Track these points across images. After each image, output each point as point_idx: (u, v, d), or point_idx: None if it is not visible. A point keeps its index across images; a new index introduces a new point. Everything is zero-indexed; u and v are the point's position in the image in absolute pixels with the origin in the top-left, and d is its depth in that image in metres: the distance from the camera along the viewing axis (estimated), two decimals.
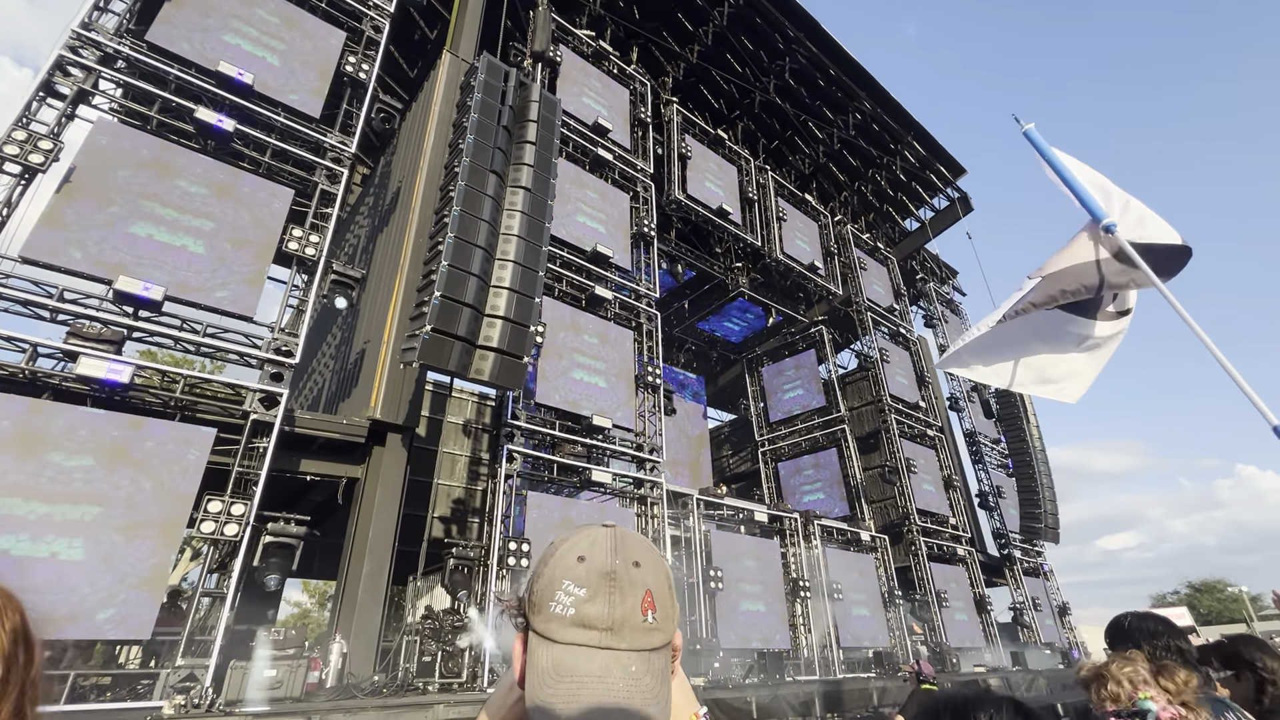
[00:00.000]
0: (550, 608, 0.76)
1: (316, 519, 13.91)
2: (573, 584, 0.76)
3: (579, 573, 0.77)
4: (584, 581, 0.77)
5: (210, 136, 9.52)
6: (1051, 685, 16.21)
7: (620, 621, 0.75)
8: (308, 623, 36.95)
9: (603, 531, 0.84)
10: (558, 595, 0.76)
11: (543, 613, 0.76)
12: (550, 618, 0.75)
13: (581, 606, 0.75)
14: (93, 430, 7.39)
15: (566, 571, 0.78)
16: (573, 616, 0.75)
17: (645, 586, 0.78)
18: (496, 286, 9.41)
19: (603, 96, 16.17)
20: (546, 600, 0.77)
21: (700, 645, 12.30)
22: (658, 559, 0.83)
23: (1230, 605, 55.86)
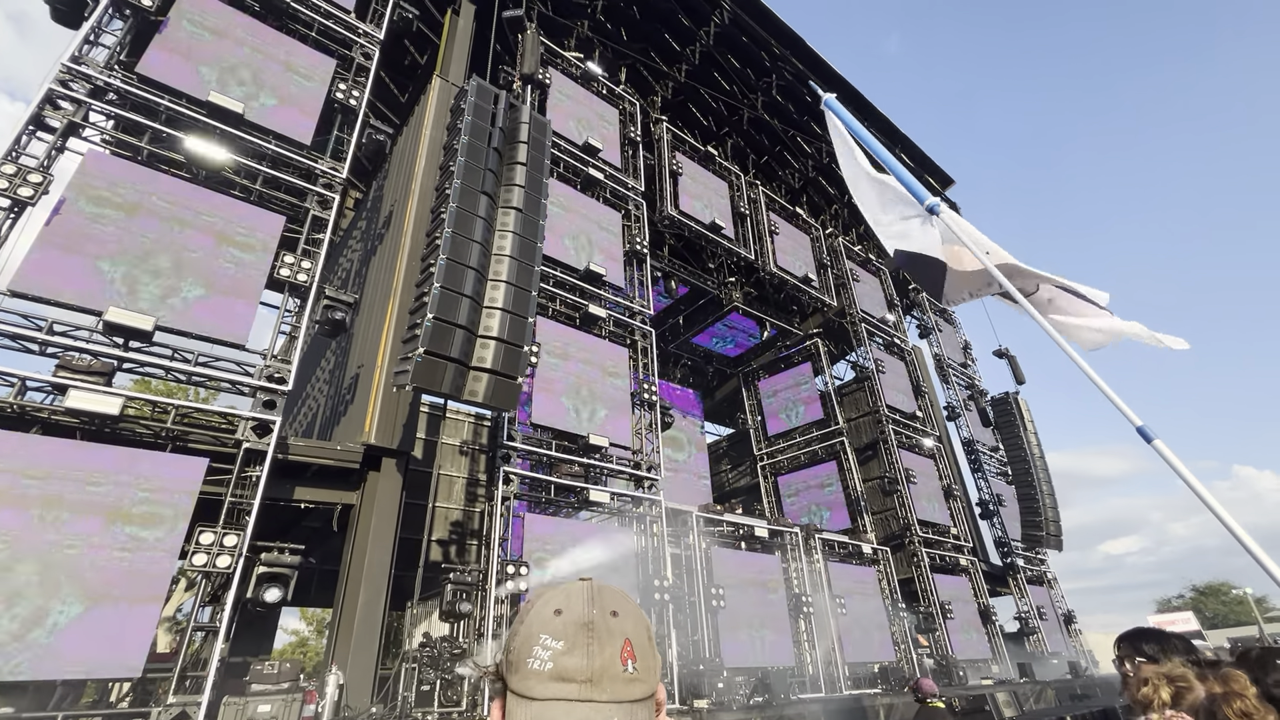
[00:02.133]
0: (528, 664, 0.73)
1: (312, 546, 13.74)
2: (549, 637, 0.74)
3: (555, 625, 0.75)
4: (561, 634, 0.74)
5: (201, 165, 9.54)
6: (1060, 696, 16.00)
7: (600, 672, 0.72)
8: (306, 651, 36.39)
9: (579, 585, 0.82)
10: (534, 650, 0.73)
11: (520, 670, 0.73)
12: (528, 674, 0.73)
13: (559, 659, 0.72)
14: (82, 461, 7.30)
15: (543, 625, 0.76)
16: (550, 670, 0.72)
17: (624, 635, 0.76)
18: (489, 307, 9.39)
19: (592, 116, 16.32)
20: (524, 657, 0.74)
21: (703, 665, 12.13)
22: (636, 609, 0.82)
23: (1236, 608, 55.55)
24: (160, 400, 8.56)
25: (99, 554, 7.01)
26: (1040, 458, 24.55)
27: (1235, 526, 2.33)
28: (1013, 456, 24.51)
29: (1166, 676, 1.76)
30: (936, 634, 17.88)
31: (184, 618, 10.36)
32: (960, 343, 29.26)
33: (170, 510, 7.54)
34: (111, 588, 6.94)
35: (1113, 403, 2.83)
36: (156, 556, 7.31)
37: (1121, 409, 2.79)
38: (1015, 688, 14.05)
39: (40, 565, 6.74)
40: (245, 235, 9.52)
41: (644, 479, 13.23)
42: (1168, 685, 1.74)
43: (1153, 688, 1.75)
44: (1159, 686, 1.75)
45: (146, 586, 7.17)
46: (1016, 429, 24.66)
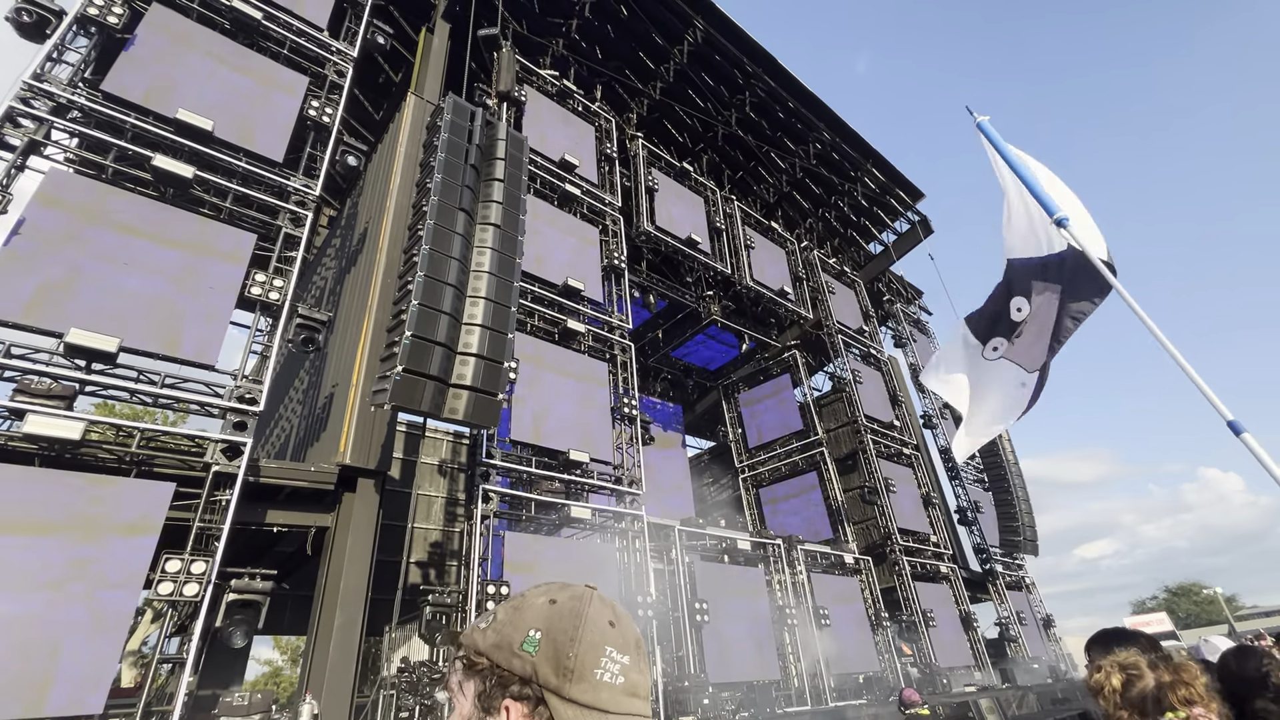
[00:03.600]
0: (597, 675, 0.70)
1: (285, 572, 13.38)
2: (615, 650, 0.72)
3: (617, 638, 0.73)
4: (624, 648, 0.73)
5: (168, 183, 9.35)
6: (1042, 701, 16.14)
7: (649, 689, 0.77)
8: (280, 681, 35.18)
9: (607, 598, 0.80)
10: (603, 662, 0.71)
11: (587, 680, 0.69)
12: (600, 685, 0.69)
13: (629, 674, 0.71)
14: (40, 491, 7.02)
15: (605, 636, 0.73)
16: (623, 685, 0.70)
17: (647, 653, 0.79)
18: (469, 324, 9.31)
19: (569, 133, 16.42)
20: (591, 667, 0.70)
21: (689, 681, 12.00)
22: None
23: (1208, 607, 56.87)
24: (124, 424, 8.30)
25: (57, 585, 6.72)
26: (1015, 464, 24.98)
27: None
28: (989, 463, 24.89)
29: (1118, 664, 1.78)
30: (920, 642, 17.96)
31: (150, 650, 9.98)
32: (934, 352, 29.77)
33: (134, 538, 7.27)
34: (70, 620, 6.64)
35: (1206, 396, 2.93)
36: (119, 586, 7.03)
37: (1214, 402, 2.88)
38: (998, 694, 14.14)
39: None
40: (215, 253, 9.34)
41: (625, 494, 13.15)
42: (1119, 672, 1.76)
43: (1104, 674, 1.77)
44: (1110, 673, 1.77)
45: (108, 618, 6.89)
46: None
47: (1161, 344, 3.26)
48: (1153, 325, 3.36)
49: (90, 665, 6.64)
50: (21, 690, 6.25)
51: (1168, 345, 3.23)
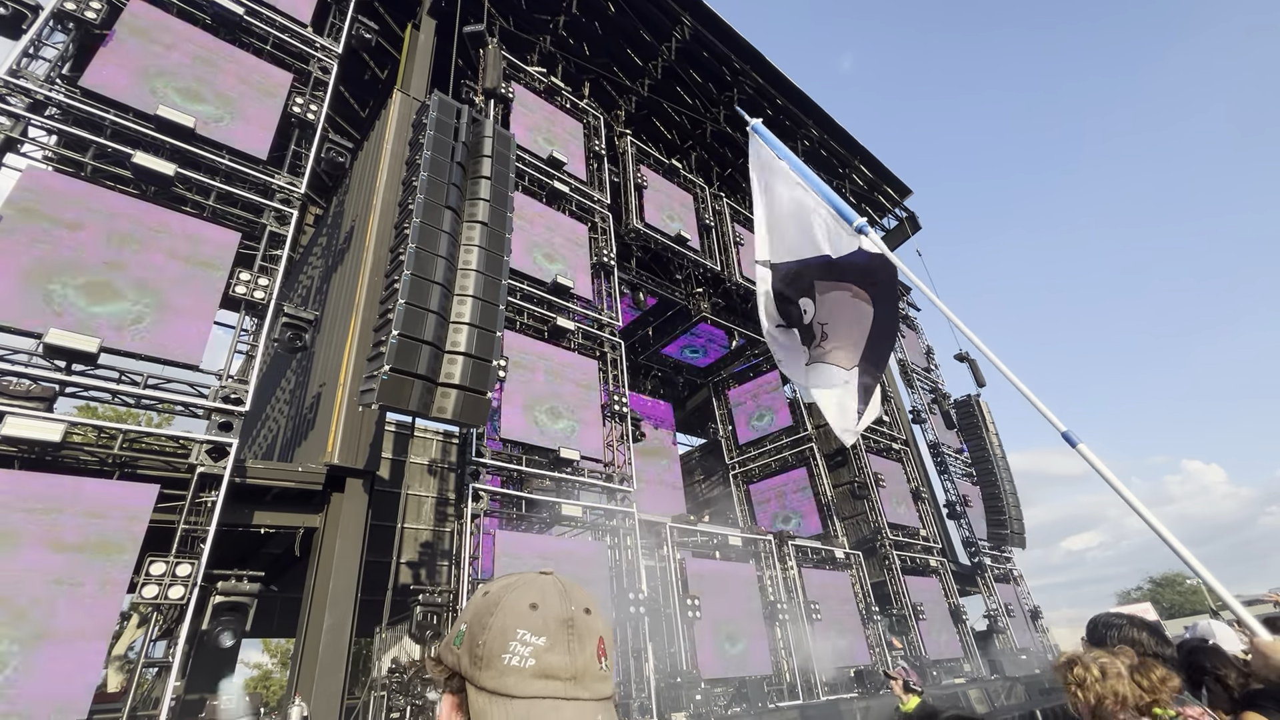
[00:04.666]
0: (505, 660, 0.69)
1: (273, 574, 13.26)
2: (528, 633, 0.71)
3: (534, 620, 0.72)
4: (541, 629, 0.71)
5: (150, 181, 9.21)
6: (1030, 691, 16.33)
7: (582, 671, 0.70)
8: (270, 684, 34.88)
9: (547, 578, 0.79)
10: (512, 646, 0.70)
11: (494, 666, 0.70)
12: (505, 670, 0.69)
13: (542, 656, 0.70)
14: (17, 494, 6.90)
15: (519, 620, 0.72)
16: (533, 668, 0.69)
17: (597, 634, 0.75)
18: (456, 322, 9.25)
19: (557, 131, 16.35)
20: (498, 653, 0.70)
21: (681, 678, 12.02)
22: (599, 607, 0.81)
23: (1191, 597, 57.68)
24: (106, 425, 8.18)
25: (38, 589, 6.62)
26: (1002, 458, 25.23)
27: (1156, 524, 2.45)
28: (976, 457, 25.13)
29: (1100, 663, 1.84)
30: (910, 635, 18.10)
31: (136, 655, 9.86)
32: (923, 348, 29.99)
33: (117, 540, 7.17)
34: (53, 624, 6.54)
35: (1038, 409, 2.92)
36: (103, 590, 6.93)
37: (1047, 416, 2.87)
38: (987, 685, 14.29)
39: None
40: (198, 252, 9.21)
41: (617, 491, 13.14)
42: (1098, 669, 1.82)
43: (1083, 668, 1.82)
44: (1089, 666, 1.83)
45: (92, 622, 6.79)
46: (979, 430, 25.31)
47: (993, 362, 3.24)
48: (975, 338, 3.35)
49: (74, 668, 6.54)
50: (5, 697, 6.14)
51: (998, 363, 3.21)
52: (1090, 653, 1.85)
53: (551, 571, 0.82)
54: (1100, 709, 1.73)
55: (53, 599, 6.64)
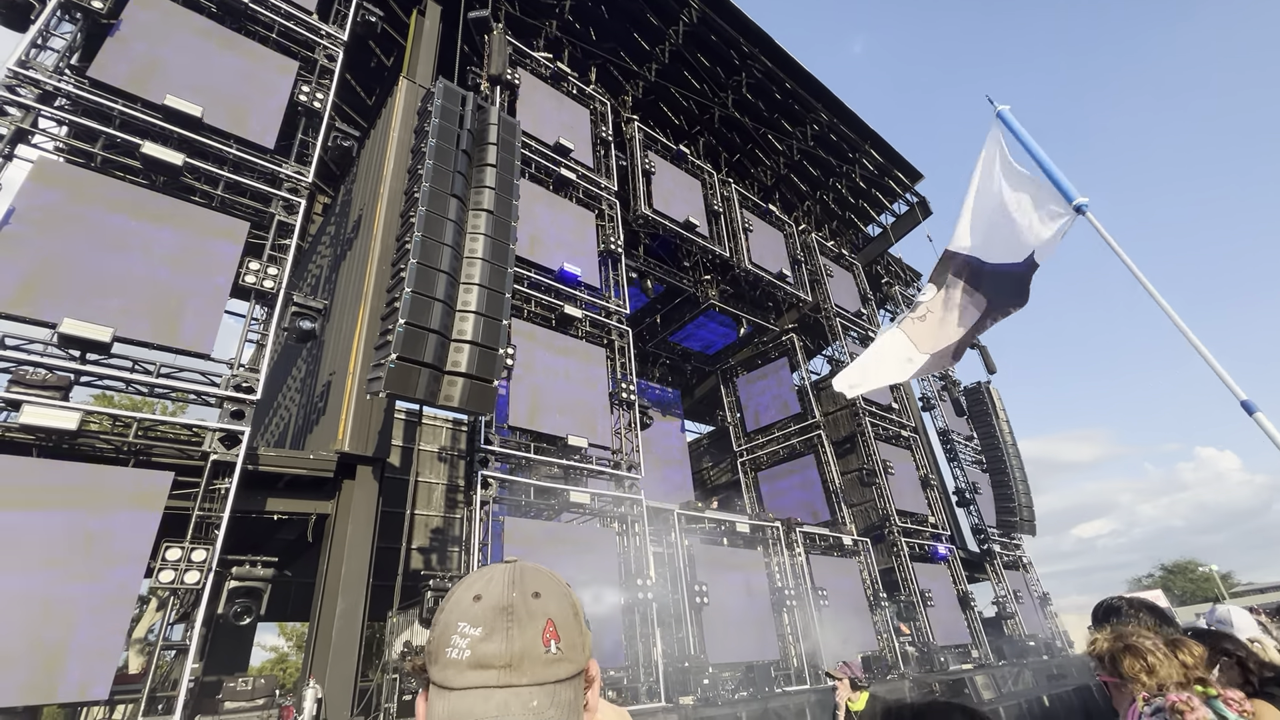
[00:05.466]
0: (446, 654, 0.71)
1: (286, 559, 13.48)
2: (467, 624, 0.72)
3: (474, 612, 0.73)
4: (479, 620, 0.72)
5: (159, 171, 9.27)
6: (1037, 676, 16.35)
7: (519, 656, 0.70)
8: (286, 667, 35.60)
9: (501, 568, 0.80)
10: (452, 639, 0.71)
11: (439, 661, 0.71)
12: (446, 664, 0.71)
13: (477, 646, 0.70)
14: (38, 481, 7.04)
15: (461, 613, 0.73)
16: (468, 659, 0.70)
17: (546, 616, 0.75)
18: (462, 311, 9.29)
19: (563, 117, 16.24)
20: (442, 647, 0.72)
21: (689, 662, 12.14)
22: (561, 588, 0.80)
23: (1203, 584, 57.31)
24: (121, 414, 8.30)
25: (58, 573, 6.77)
26: (1013, 445, 25.08)
27: None
28: (986, 445, 25.00)
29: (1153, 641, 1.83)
30: (917, 621, 18.15)
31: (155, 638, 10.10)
32: None
33: (134, 526, 7.31)
34: (73, 609, 6.70)
35: (1219, 376, 2.93)
36: (120, 574, 7.09)
37: (1227, 382, 2.88)
38: (994, 670, 14.33)
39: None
40: (207, 243, 9.28)
41: (624, 478, 13.20)
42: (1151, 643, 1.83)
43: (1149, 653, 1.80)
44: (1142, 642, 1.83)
45: (110, 605, 6.95)
46: (989, 418, 25.16)
47: (1178, 326, 3.26)
48: (1168, 307, 3.36)
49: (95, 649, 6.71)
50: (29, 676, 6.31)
51: (1183, 326, 3.22)
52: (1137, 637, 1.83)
53: (516, 559, 0.82)
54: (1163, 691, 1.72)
55: (72, 583, 6.79)
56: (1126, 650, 1.81)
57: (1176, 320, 3.37)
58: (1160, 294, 3.40)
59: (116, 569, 7.10)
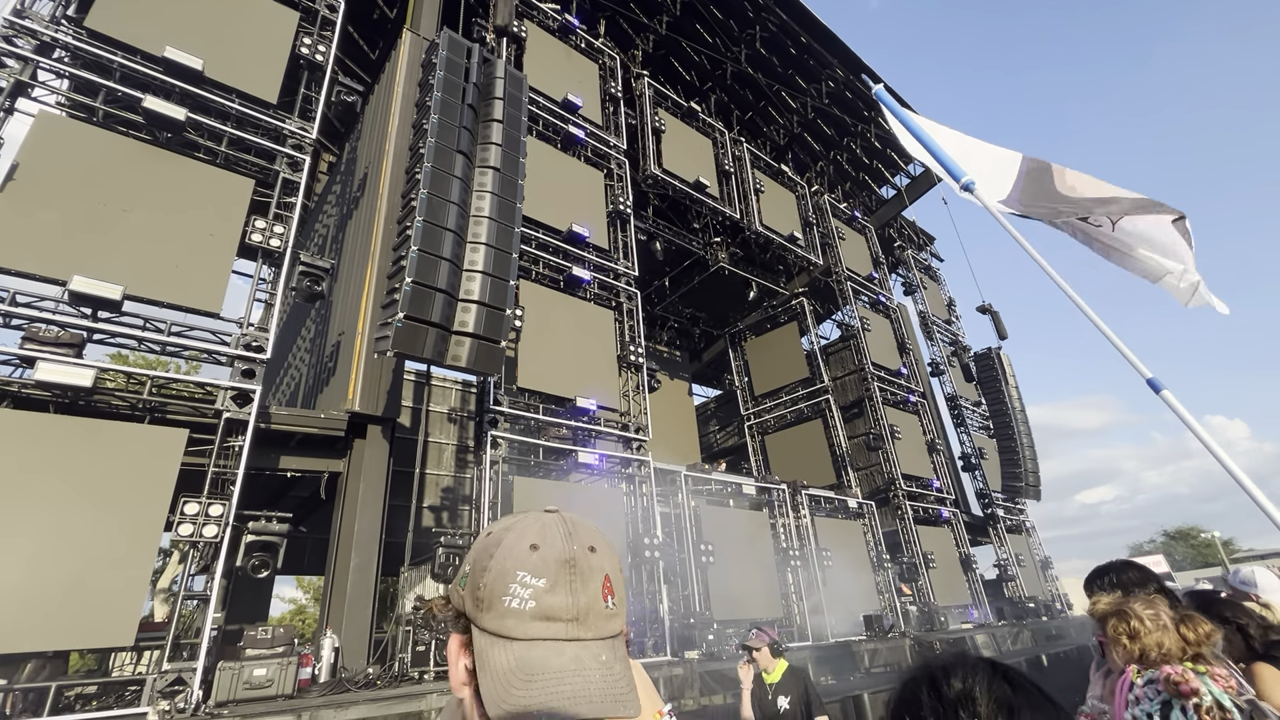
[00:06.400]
0: (505, 602, 0.69)
1: (301, 515, 13.77)
2: (528, 574, 0.70)
3: (534, 562, 0.71)
4: (541, 571, 0.70)
5: (161, 126, 9.12)
6: (1036, 637, 16.67)
7: (585, 610, 0.69)
8: (305, 618, 36.89)
9: (551, 517, 0.78)
10: (512, 588, 0.69)
11: (494, 609, 0.69)
12: (506, 613, 0.68)
13: (543, 598, 0.69)
14: (57, 436, 7.17)
15: (519, 562, 0.71)
16: (533, 610, 0.68)
17: (604, 571, 0.73)
18: (469, 270, 9.21)
19: (571, 72, 15.80)
20: (499, 595, 0.69)
21: (694, 619, 12.43)
22: (608, 543, 0.78)
23: (1204, 550, 57.83)
24: (134, 371, 8.38)
25: (79, 525, 6.95)
26: (1021, 411, 25.01)
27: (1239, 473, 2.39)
28: (994, 410, 24.94)
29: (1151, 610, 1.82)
30: (919, 582, 18.45)
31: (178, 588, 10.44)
32: (945, 299, 29.41)
33: (151, 481, 7.46)
34: (96, 560, 6.90)
35: (1123, 354, 2.85)
36: (140, 526, 7.27)
37: (1132, 361, 2.80)
38: (994, 630, 14.61)
39: (21, 538, 6.67)
40: (212, 200, 9.20)
41: (632, 440, 13.30)
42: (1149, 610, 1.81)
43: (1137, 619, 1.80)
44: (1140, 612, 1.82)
45: (132, 557, 7.15)
46: (998, 384, 25.03)
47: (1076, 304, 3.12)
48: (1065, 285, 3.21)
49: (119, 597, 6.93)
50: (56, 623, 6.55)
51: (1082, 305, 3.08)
52: (1136, 603, 1.84)
53: (556, 509, 0.80)
54: (1145, 660, 1.73)
55: (95, 535, 6.98)
56: (1116, 614, 1.84)
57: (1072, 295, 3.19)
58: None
59: (136, 522, 7.27)
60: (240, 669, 7.24)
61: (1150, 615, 1.79)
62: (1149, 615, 1.79)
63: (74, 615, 6.61)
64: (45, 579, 6.62)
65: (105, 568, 6.91)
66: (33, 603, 6.46)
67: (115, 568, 6.98)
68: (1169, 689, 1.13)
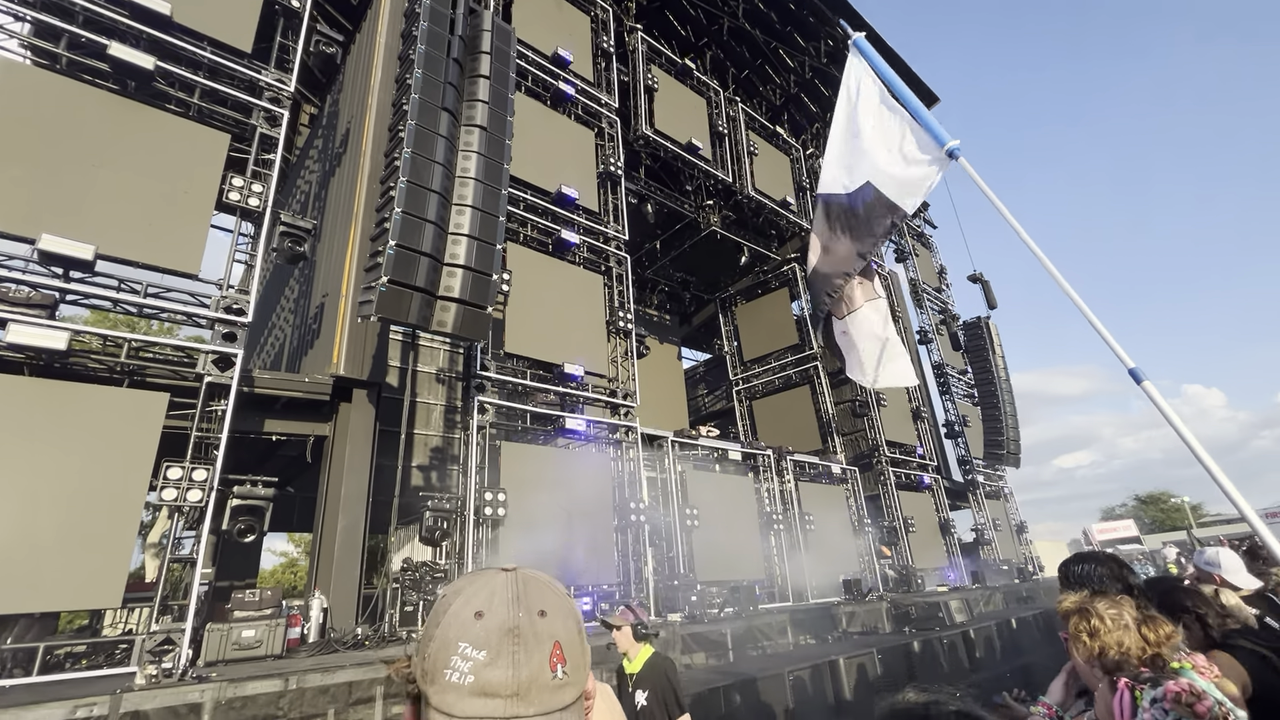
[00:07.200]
0: (445, 676, 0.66)
1: (288, 476, 13.80)
2: (470, 646, 0.66)
3: (476, 632, 0.67)
4: (483, 642, 0.67)
5: (129, 75, 8.70)
6: (1008, 599, 17.27)
7: (527, 684, 0.66)
8: (296, 570, 37.45)
9: (502, 578, 0.73)
10: (453, 661, 0.66)
11: (437, 683, 0.66)
12: (446, 688, 0.65)
13: (481, 672, 0.65)
14: (32, 398, 7.05)
15: (462, 632, 0.67)
16: (471, 685, 0.65)
17: (553, 638, 0.69)
18: (455, 233, 8.99)
19: (561, 23, 15.19)
20: (440, 668, 0.66)
21: (678, 580, 12.73)
22: (565, 602, 0.74)
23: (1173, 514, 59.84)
24: (110, 334, 8.21)
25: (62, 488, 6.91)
26: (1006, 380, 25.30)
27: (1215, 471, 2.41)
28: (980, 379, 25.21)
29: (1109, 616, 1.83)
30: (898, 545, 18.97)
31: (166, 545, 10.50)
32: (936, 267, 29.34)
33: (133, 445, 7.40)
34: (78, 523, 6.88)
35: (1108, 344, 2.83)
36: (122, 490, 7.24)
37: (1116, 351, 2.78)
38: (967, 594, 15.11)
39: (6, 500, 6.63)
40: (186, 155, 8.85)
41: (620, 406, 13.34)
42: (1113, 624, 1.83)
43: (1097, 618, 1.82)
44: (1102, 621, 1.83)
45: (115, 520, 7.14)
46: (986, 353, 25.23)
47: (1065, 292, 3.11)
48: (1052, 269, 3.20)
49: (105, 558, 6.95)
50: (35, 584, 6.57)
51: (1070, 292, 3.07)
52: (1100, 602, 1.86)
53: (514, 567, 0.76)
54: (1104, 658, 1.76)
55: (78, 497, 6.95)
56: (1079, 612, 1.87)
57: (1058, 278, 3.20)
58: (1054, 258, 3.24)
59: (118, 486, 7.24)
60: (229, 630, 7.34)
61: (1112, 615, 1.81)
62: (1111, 615, 1.81)
63: (58, 577, 6.63)
64: (28, 541, 6.61)
65: (88, 531, 6.90)
66: (15, 564, 6.46)
67: (98, 531, 6.97)
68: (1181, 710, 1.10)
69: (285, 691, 6.04)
